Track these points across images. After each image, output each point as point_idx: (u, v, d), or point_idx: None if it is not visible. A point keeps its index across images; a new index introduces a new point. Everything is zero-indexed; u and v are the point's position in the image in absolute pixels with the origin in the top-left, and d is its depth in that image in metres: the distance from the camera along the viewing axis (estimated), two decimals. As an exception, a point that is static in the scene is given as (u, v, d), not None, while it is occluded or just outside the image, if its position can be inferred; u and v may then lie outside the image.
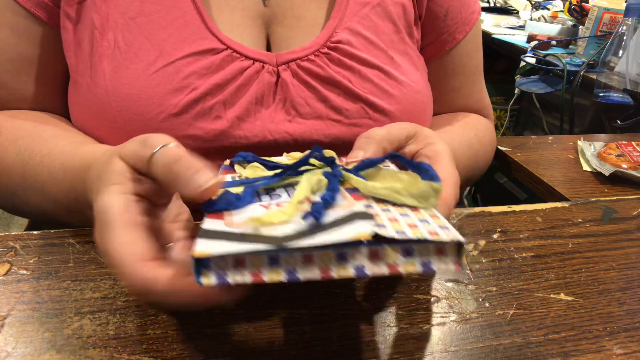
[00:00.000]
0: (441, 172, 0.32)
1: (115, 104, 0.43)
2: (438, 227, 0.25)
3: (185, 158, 0.28)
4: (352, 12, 0.49)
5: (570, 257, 0.41)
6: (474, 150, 0.55)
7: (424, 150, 0.36)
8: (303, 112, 0.47)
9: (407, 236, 0.23)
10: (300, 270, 0.24)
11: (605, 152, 0.64)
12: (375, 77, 0.48)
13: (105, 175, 0.30)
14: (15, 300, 0.33)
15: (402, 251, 0.24)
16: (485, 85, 0.64)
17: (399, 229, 0.24)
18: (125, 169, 0.29)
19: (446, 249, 0.24)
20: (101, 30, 0.44)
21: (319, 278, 0.23)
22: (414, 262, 0.24)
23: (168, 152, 0.28)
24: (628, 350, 0.32)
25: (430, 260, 0.24)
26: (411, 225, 0.25)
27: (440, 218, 0.26)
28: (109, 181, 0.29)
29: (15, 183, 0.43)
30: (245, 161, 0.36)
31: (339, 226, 0.24)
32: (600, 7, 1.09)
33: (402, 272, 0.24)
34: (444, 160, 0.34)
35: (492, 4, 1.85)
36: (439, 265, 0.24)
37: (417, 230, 0.24)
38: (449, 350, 0.31)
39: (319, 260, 0.23)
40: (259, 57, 0.46)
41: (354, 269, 0.23)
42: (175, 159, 0.28)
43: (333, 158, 0.33)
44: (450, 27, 0.56)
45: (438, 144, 0.36)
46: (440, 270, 0.24)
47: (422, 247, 0.24)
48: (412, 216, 0.26)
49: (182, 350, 0.30)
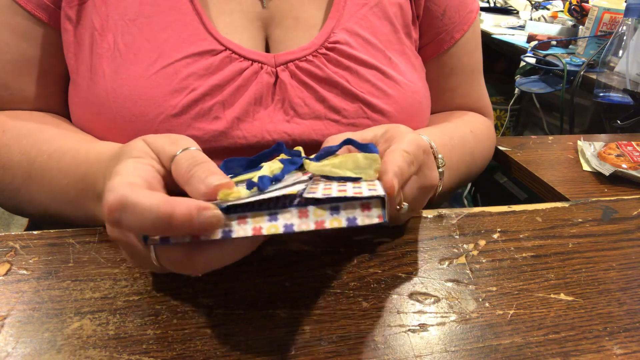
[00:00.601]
0: (394, 146, 0.34)
1: (114, 105, 0.43)
2: (367, 189, 0.27)
3: (207, 163, 0.30)
4: (350, 12, 0.49)
5: (570, 257, 0.41)
6: (470, 146, 0.55)
7: (387, 136, 0.38)
8: (301, 113, 0.47)
9: (330, 195, 0.26)
10: (234, 230, 0.26)
11: (605, 152, 0.64)
12: (373, 77, 0.49)
13: (124, 153, 0.32)
14: (15, 300, 0.33)
15: (329, 208, 0.27)
16: (484, 84, 0.64)
17: (327, 193, 0.27)
18: (147, 149, 0.32)
19: (371, 205, 0.27)
20: (101, 31, 0.45)
21: (250, 235, 0.26)
22: (340, 218, 0.26)
23: (189, 154, 0.31)
24: (628, 350, 0.32)
25: (355, 216, 0.27)
26: (341, 190, 0.27)
27: (376, 184, 0.29)
28: (129, 154, 0.31)
29: (19, 181, 0.43)
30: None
31: (277, 191, 0.27)
32: (600, 7, 1.09)
33: (328, 227, 0.26)
34: (401, 137, 0.36)
35: (492, 4, 1.85)
36: (364, 219, 0.27)
37: (344, 192, 0.27)
38: (449, 350, 0.31)
39: (251, 220, 0.26)
40: (258, 58, 0.46)
41: (283, 227, 0.26)
42: (195, 162, 0.30)
43: (299, 152, 0.36)
44: (448, 26, 0.56)
45: (399, 127, 0.38)
46: (364, 223, 0.26)
47: (348, 204, 0.27)
48: (349, 185, 0.29)
49: (182, 350, 0.30)
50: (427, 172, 0.38)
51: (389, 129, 0.38)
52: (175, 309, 0.33)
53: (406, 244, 0.41)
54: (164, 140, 0.32)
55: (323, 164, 0.31)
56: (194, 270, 0.29)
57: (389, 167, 0.31)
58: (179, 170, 0.30)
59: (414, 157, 0.35)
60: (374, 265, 0.38)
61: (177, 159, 0.31)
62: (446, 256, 0.40)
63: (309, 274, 0.37)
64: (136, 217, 0.26)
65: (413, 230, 0.43)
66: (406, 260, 0.39)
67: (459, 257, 0.40)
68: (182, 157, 0.31)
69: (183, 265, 0.29)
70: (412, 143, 0.35)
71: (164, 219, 0.25)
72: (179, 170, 0.30)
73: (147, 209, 0.25)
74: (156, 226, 0.26)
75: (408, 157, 0.34)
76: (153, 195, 0.26)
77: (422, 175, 0.38)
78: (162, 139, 0.32)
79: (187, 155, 0.31)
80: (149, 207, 0.25)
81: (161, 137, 0.33)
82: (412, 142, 0.35)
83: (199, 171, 0.29)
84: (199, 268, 0.29)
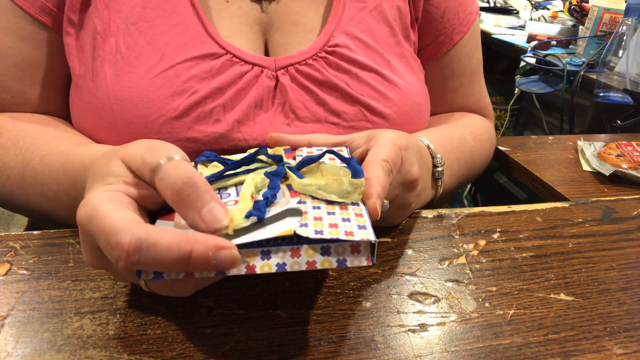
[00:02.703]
0: (372, 154, 0.35)
1: (116, 107, 0.44)
2: (357, 226, 0.28)
3: (193, 181, 0.27)
4: (349, 16, 0.49)
5: (570, 257, 0.41)
6: (469, 147, 0.55)
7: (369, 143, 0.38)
8: (302, 116, 0.47)
9: (323, 236, 0.26)
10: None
11: (605, 152, 0.64)
12: (373, 80, 0.49)
13: (99, 176, 0.30)
14: (15, 300, 0.33)
15: (320, 249, 0.27)
16: (485, 84, 0.64)
17: (319, 229, 0.27)
18: (123, 172, 0.29)
19: (360, 247, 0.27)
20: (103, 35, 0.45)
21: (243, 273, 0.26)
22: (331, 259, 0.27)
23: (177, 170, 0.28)
24: (628, 350, 0.32)
25: (345, 257, 0.27)
26: (332, 225, 0.28)
27: (364, 216, 0.29)
28: (102, 182, 0.29)
29: (13, 184, 0.43)
30: (207, 160, 0.38)
31: (272, 223, 0.28)
32: (600, 7, 1.08)
33: (319, 268, 0.27)
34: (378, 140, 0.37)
35: (492, 4, 1.85)
36: (353, 261, 0.27)
37: (335, 230, 0.27)
38: (449, 350, 0.31)
39: (244, 258, 0.27)
40: (258, 61, 0.46)
41: (275, 265, 0.27)
42: (184, 180, 0.27)
43: (280, 156, 0.36)
44: (448, 28, 0.56)
45: (381, 132, 0.38)
46: (353, 265, 0.27)
47: (338, 246, 0.27)
48: (337, 213, 0.29)
49: (182, 350, 0.30)
50: (407, 168, 0.38)
51: (370, 134, 0.39)
52: (175, 309, 0.33)
53: (406, 244, 0.41)
54: (141, 151, 0.29)
55: (308, 184, 0.31)
56: (183, 293, 0.30)
57: (373, 190, 0.32)
58: (165, 188, 0.28)
59: (392, 164, 0.35)
60: (374, 265, 0.38)
61: (162, 174, 0.28)
62: (446, 256, 0.40)
63: (309, 274, 0.37)
64: (155, 258, 0.25)
65: (413, 230, 0.43)
66: (406, 260, 0.39)
67: (459, 257, 0.40)
68: (168, 175, 0.28)
69: (173, 290, 0.29)
70: (389, 146, 0.36)
71: (184, 259, 0.24)
72: (165, 189, 0.28)
73: (167, 252, 0.24)
74: (174, 265, 0.25)
75: (387, 166, 0.34)
76: (170, 232, 0.25)
77: (403, 172, 0.38)
78: (140, 149, 0.29)
79: (173, 172, 0.28)
80: (168, 249, 0.24)
81: (138, 146, 0.30)
82: (388, 145, 0.36)
83: (193, 196, 0.27)
84: (188, 291, 0.30)
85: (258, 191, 0.32)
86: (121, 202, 0.28)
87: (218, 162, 0.38)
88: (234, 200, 0.32)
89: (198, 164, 0.39)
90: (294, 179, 0.32)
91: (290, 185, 0.33)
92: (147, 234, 0.24)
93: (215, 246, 0.25)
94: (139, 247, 0.24)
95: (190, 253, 0.24)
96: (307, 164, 0.35)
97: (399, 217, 0.43)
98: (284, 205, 0.30)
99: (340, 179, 0.31)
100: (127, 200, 0.29)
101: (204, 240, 0.25)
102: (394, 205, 0.40)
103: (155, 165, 0.28)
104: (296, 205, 0.29)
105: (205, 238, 0.25)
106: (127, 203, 0.28)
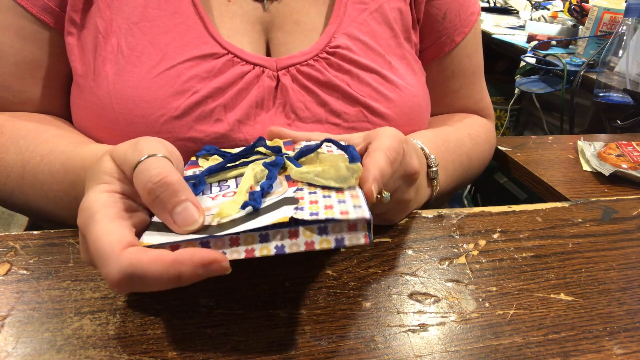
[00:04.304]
0: (375, 144, 0.35)
1: (117, 107, 0.44)
2: (352, 206, 0.28)
3: (164, 181, 0.27)
4: (350, 17, 0.50)
5: (570, 257, 0.41)
6: (466, 149, 0.55)
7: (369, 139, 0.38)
8: (303, 116, 0.47)
9: (319, 217, 0.27)
10: (227, 252, 0.27)
11: (605, 152, 0.64)
12: (374, 81, 0.49)
13: (94, 174, 0.30)
14: (15, 300, 0.33)
15: (317, 229, 0.27)
16: (485, 85, 0.64)
17: (314, 211, 0.27)
18: (114, 168, 0.30)
19: (357, 225, 0.27)
20: (105, 35, 0.45)
21: (243, 257, 0.27)
22: (329, 238, 0.27)
23: (149, 170, 0.28)
24: (628, 350, 0.32)
25: (343, 236, 0.27)
26: (327, 207, 0.28)
27: (359, 197, 0.29)
28: (98, 180, 0.29)
29: (13, 183, 0.43)
30: (208, 154, 0.39)
31: (268, 212, 0.28)
32: (600, 7, 1.08)
33: (317, 248, 0.27)
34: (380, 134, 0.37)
35: (492, 4, 1.85)
36: (352, 239, 0.27)
37: (331, 210, 0.27)
38: (449, 350, 0.31)
39: (244, 242, 0.27)
40: (259, 61, 0.47)
41: (274, 248, 0.27)
42: (155, 179, 0.27)
43: (279, 147, 0.36)
44: (449, 29, 0.56)
45: (381, 128, 0.38)
46: (352, 243, 0.27)
47: (335, 226, 0.27)
48: (334, 197, 0.29)
49: (182, 350, 0.30)
50: (408, 160, 0.39)
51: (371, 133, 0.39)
52: (175, 309, 0.33)
53: (406, 244, 0.41)
54: (126, 149, 0.30)
55: (305, 171, 0.31)
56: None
57: (369, 174, 0.32)
58: (138, 187, 0.28)
59: (395, 153, 0.35)
60: (374, 265, 0.38)
61: (136, 172, 0.28)
62: (446, 256, 0.40)
63: (309, 274, 0.37)
64: (146, 285, 0.25)
65: (413, 230, 0.43)
66: (406, 260, 0.39)
67: (459, 257, 0.40)
68: (142, 173, 0.28)
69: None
70: (392, 138, 0.36)
71: (174, 281, 0.25)
72: (138, 188, 0.28)
73: (157, 279, 0.25)
74: (166, 287, 0.26)
75: (391, 154, 0.34)
76: (156, 259, 0.25)
77: (404, 164, 0.38)
78: (126, 148, 0.30)
79: (146, 172, 0.28)
80: (158, 277, 0.25)
81: (125, 145, 0.30)
82: (391, 137, 0.36)
83: (163, 197, 0.27)
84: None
85: (257, 182, 0.32)
86: (116, 207, 0.28)
87: (218, 155, 0.38)
88: (232, 192, 0.32)
89: (199, 158, 0.39)
90: (292, 168, 0.33)
91: (289, 176, 0.33)
92: (133, 267, 0.25)
93: (202, 264, 0.25)
94: (127, 279, 0.25)
95: (179, 276, 0.25)
96: (305, 154, 0.35)
97: (399, 213, 0.43)
98: (280, 194, 0.30)
99: (337, 164, 0.31)
100: (122, 204, 0.29)
101: (190, 260, 0.25)
102: (394, 198, 0.40)
103: (134, 163, 0.28)
104: (292, 194, 0.30)
105: (191, 256, 0.25)
106: (122, 209, 0.28)
